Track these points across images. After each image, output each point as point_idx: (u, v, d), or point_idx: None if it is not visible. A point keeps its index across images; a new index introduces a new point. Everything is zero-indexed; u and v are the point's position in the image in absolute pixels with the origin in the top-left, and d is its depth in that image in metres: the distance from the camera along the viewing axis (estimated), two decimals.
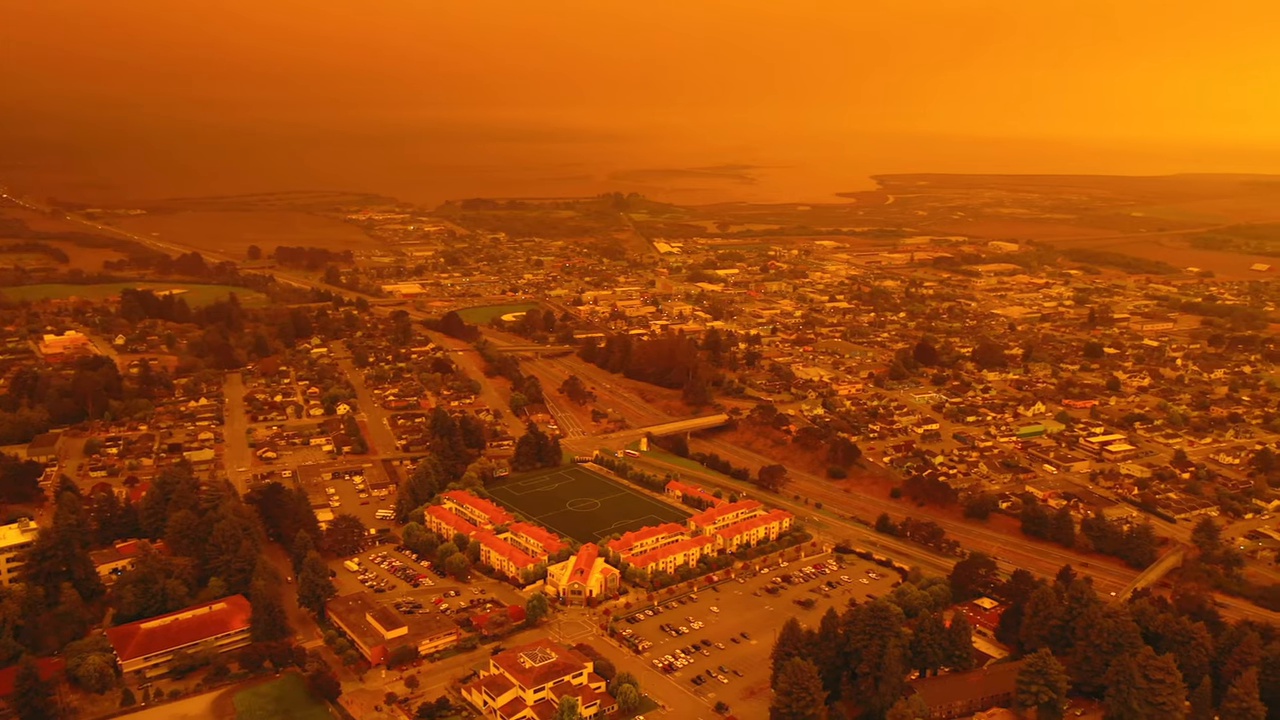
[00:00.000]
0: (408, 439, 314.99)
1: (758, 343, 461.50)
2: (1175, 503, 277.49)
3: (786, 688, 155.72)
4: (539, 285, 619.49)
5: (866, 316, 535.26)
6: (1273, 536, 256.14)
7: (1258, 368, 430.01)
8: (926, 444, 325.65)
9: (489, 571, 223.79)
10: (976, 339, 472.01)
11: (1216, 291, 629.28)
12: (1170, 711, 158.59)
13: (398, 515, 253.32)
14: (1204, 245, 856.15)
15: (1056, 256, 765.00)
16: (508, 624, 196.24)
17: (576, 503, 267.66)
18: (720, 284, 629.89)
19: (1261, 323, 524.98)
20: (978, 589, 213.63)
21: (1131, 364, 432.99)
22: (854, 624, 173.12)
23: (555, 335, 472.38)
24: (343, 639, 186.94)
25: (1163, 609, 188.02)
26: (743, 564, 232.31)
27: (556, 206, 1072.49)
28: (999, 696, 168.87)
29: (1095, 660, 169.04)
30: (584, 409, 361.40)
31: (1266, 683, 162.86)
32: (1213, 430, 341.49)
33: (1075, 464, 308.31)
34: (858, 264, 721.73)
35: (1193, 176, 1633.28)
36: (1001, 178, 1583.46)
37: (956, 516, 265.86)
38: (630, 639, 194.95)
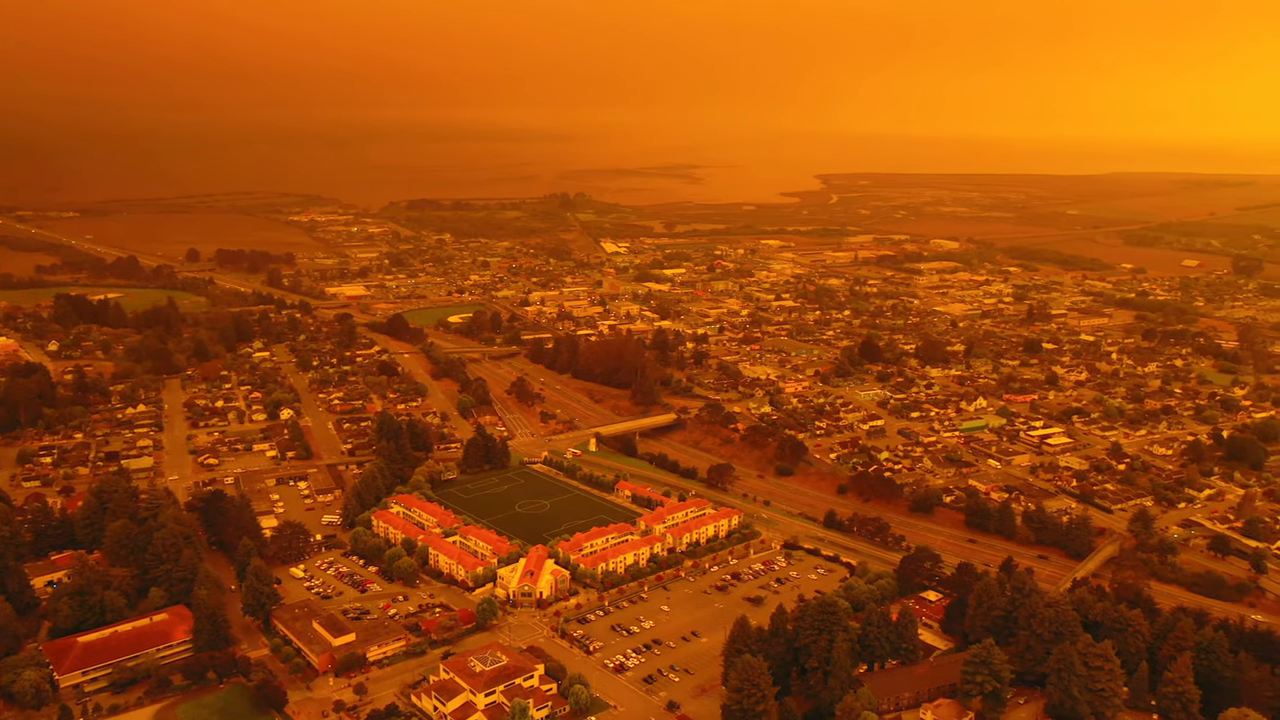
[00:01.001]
0: (353, 443, 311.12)
1: (705, 342, 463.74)
2: (1112, 494, 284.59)
3: (737, 684, 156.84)
4: (486, 286, 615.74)
5: (812, 315, 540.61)
6: (1204, 525, 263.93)
7: (1189, 361, 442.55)
8: (872, 440, 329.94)
9: (438, 575, 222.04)
10: (919, 336, 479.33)
11: (1149, 287, 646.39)
12: (1109, 697, 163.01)
13: (344, 520, 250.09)
14: (1136, 242, 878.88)
15: (996, 254, 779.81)
16: (457, 628, 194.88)
17: (526, 504, 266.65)
18: (667, 284, 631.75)
19: (1192, 317, 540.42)
20: (923, 582, 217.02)
21: (1069, 359, 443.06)
22: (803, 619, 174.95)
23: (502, 336, 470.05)
24: (289, 647, 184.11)
25: (1101, 598, 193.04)
26: (692, 562, 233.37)
27: (503, 207, 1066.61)
28: (945, 687, 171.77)
29: (1037, 649, 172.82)
30: (532, 410, 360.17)
31: (1200, 667, 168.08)
32: (1147, 422, 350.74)
33: (1016, 457, 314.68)
34: (803, 263, 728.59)
35: (1125, 175, 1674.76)
36: (941, 177, 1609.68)
37: (902, 511, 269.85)
38: (581, 640, 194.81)
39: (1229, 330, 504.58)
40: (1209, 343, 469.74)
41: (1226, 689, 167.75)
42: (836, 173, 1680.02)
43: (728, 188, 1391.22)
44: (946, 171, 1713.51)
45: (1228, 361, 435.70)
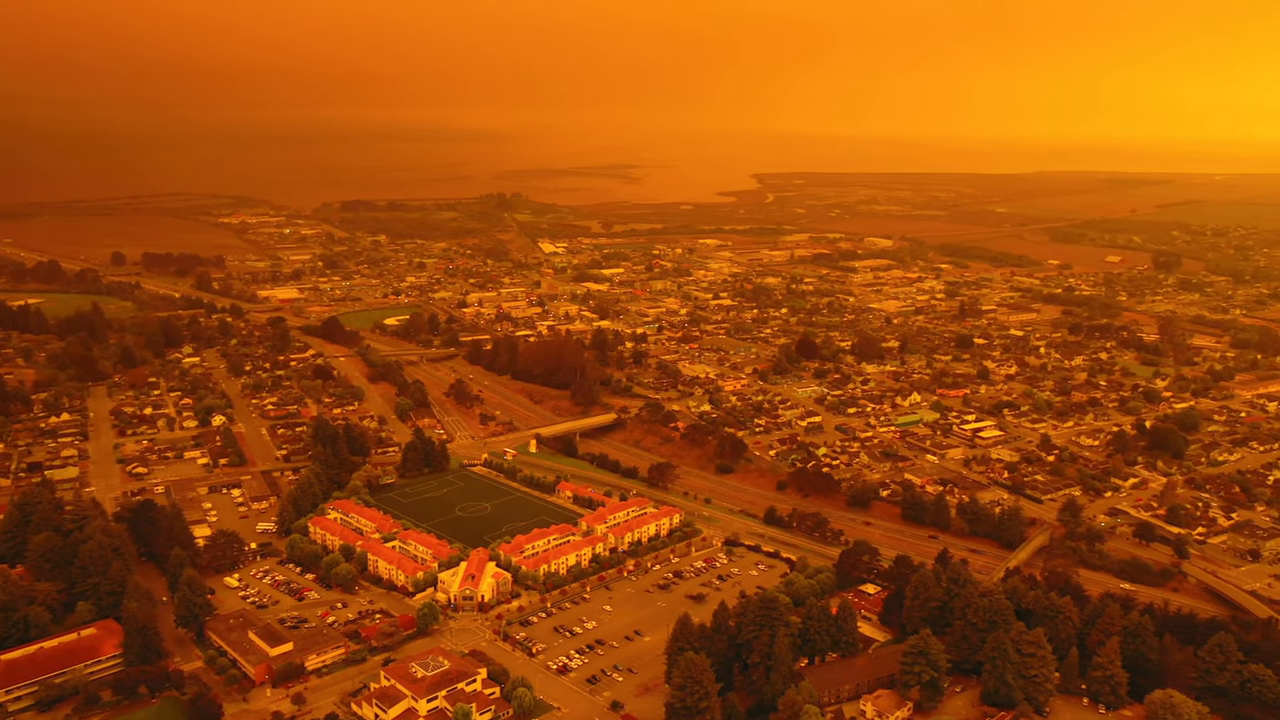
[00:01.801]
0: (288, 449, 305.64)
1: (644, 341, 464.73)
2: (1042, 484, 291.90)
3: (680, 682, 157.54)
4: (422, 288, 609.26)
5: (750, 313, 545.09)
6: (1130, 513, 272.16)
7: (1113, 354, 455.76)
8: (810, 436, 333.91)
9: (377, 581, 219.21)
10: (855, 333, 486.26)
11: (1075, 283, 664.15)
12: (1042, 683, 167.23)
13: (280, 528, 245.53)
14: (1062, 239, 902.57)
15: (928, 252, 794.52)
16: (398, 634, 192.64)
17: (466, 507, 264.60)
18: (606, 283, 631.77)
19: (1116, 311, 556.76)
20: (862, 575, 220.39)
21: (999, 353, 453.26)
22: (744, 615, 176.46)
23: (440, 338, 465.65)
24: (224, 658, 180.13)
25: (1033, 586, 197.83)
26: (634, 562, 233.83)
27: (439, 207, 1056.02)
28: (884, 678, 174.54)
29: (973, 638, 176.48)
30: (471, 412, 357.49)
31: (1128, 651, 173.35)
32: (1074, 414, 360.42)
33: (950, 451, 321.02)
34: (740, 261, 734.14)
35: (1050, 174, 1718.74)
36: (874, 176, 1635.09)
37: (840, 506, 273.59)
38: (524, 642, 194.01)
39: (1150, 324, 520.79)
40: (1132, 336, 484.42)
41: (1152, 671, 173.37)
42: (772, 172, 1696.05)
43: (665, 187, 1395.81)
44: (879, 171, 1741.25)
45: (1149, 354, 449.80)
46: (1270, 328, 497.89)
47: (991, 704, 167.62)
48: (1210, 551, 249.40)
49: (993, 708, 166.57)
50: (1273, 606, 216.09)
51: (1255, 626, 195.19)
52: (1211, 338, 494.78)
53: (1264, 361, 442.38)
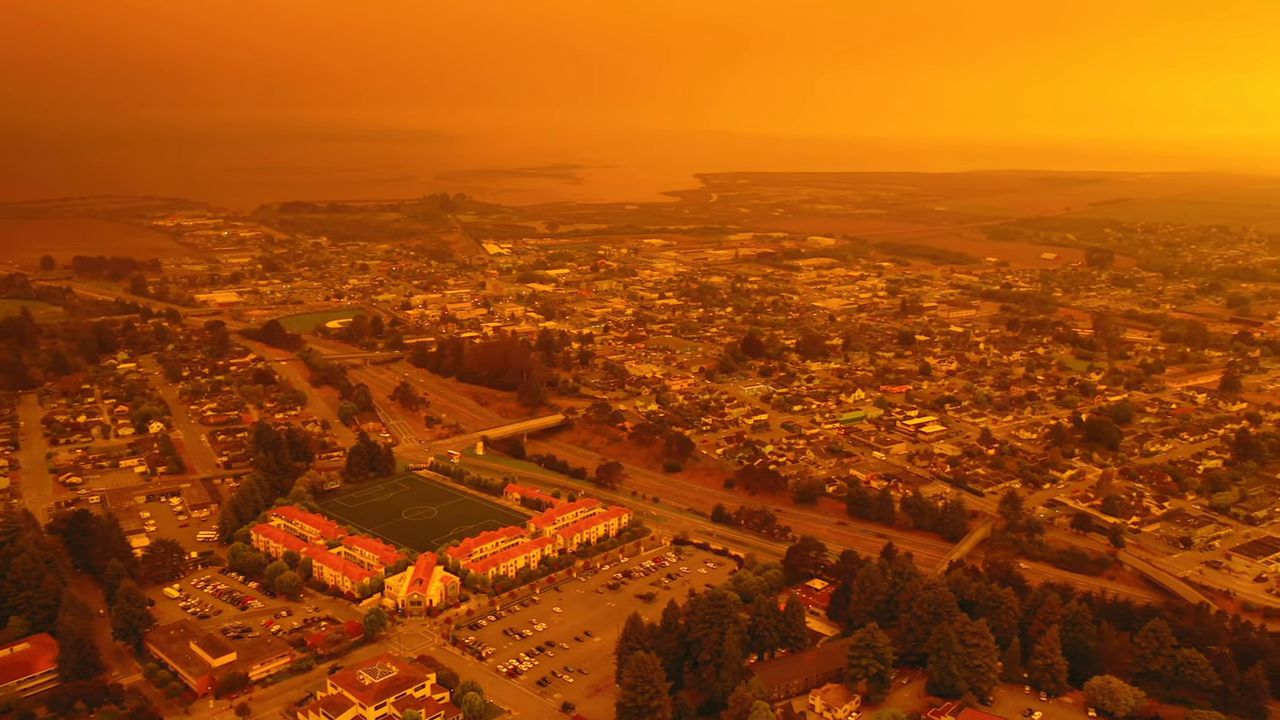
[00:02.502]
0: (229, 455, 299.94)
1: (591, 342, 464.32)
2: (983, 477, 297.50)
3: (631, 682, 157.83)
4: (365, 290, 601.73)
5: (695, 312, 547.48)
6: (1067, 504, 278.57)
7: (1050, 349, 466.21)
8: (757, 434, 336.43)
9: (323, 588, 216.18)
10: (800, 331, 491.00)
11: (1012, 279, 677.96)
12: (985, 672, 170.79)
13: (221, 536, 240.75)
14: (999, 236, 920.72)
15: (870, 250, 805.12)
16: (345, 641, 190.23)
17: (413, 511, 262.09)
18: (551, 284, 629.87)
19: (1051, 307, 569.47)
20: (809, 571, 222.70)
21: (940, 349, 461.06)
22: (694, 614, 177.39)
23: (384, 341, 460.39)
24: (164, 671, 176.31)
25: (975, 578, 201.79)
26: (584, 562, 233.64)
27: (381, 209, 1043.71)
28: (832, 672, 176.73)
29: (918, 630, 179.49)
30: (417, 415, 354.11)
31: (1067, 638, 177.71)
32: (1013, 408, 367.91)
33: (893, 446, 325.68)
34: (685, 261, 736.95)
35: (987, 173, 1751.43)
36: (817, 175, 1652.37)
37: (787, 502, 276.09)
38: (473, 646, 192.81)
39: (1085, 319, 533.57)
40: (1067, 331, 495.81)
41: (1091, 658, 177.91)
42: (715, 172, 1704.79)
43: (609, 187, 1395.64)
44: (821, 170, 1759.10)
45: (1084, 349, 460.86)
46: (1198, 322, 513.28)
47: (937, 694, 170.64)
48: (1144, 540, 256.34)
49: (938, 698, 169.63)
50: (1204, 593, 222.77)
51: (1188, 612, 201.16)
52: (1143, 332, 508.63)
53: (1193, 355, 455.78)
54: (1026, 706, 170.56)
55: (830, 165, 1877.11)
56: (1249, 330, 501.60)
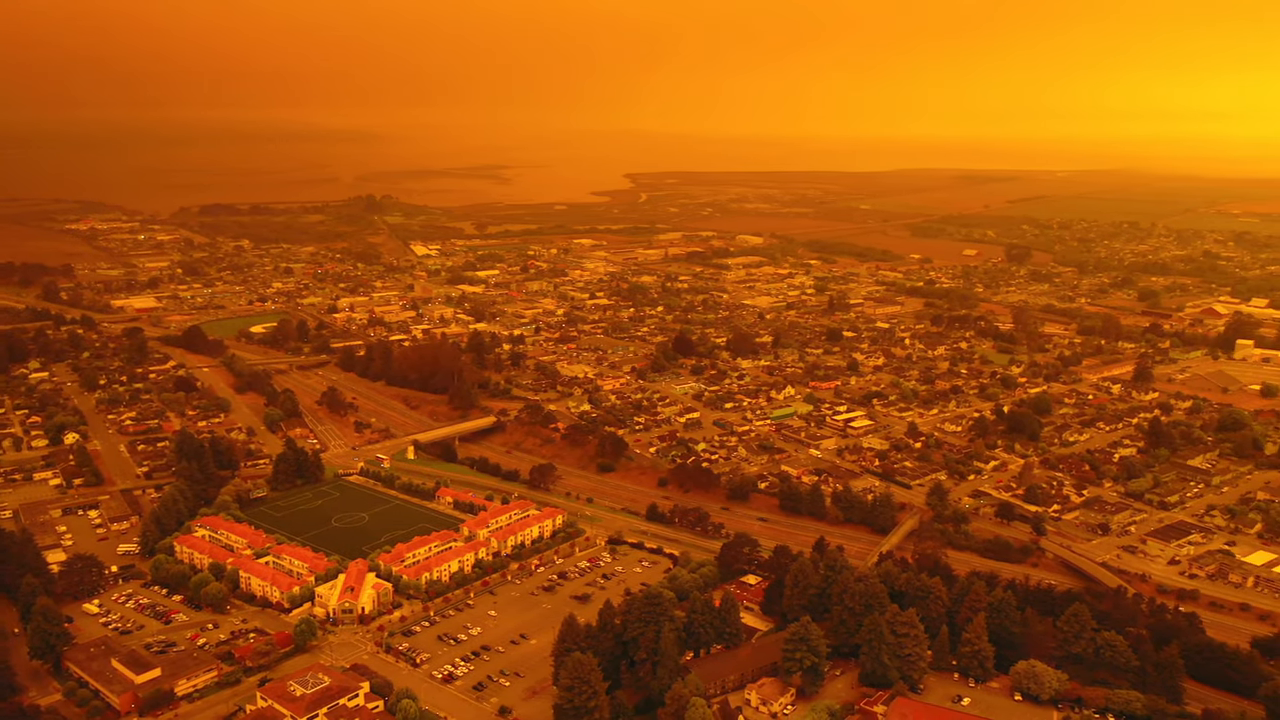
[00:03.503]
0: (150, 465, 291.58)
1: (522, 343, 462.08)
2: (910, 470, 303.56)
3: (568, 683, 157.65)
4: (290, 294, 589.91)
5: (626, 312, 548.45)
6: (991, 494, 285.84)
7: (972, 343, 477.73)
8: (689, 432, 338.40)
9: (251, 599, 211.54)
10: (730, 329, 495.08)
11: (935, 276, 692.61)
12: (915, 661, 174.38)
13: (143, 549, 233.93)
14: (922, 234, 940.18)
15: (797, 248, 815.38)
16: (274, 652, 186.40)
17: (343, 518, 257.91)
18: (481, 285, 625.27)
19: (973, 303, 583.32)
20: (743, 567, 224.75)
21: (867, 345, 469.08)
22: (630, 613, 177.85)
23: (310, 345, 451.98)
24: (85, 690, 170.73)
25: (905, 569, 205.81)
26: (518, 565, 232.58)
27: (305, 210, 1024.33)
28: (767, 666, 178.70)
29: (850, 622, 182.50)
30: (346, 420, 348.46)
31: (993, 625, 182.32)
32: (938, 402, 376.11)
33: (823, 441, 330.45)
34: (615, 261, 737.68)
35: (908, 171, 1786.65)
36: (744, 175, 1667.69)
37: (720, 499, 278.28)
38: (407, 653, 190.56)
39: (1005, 313, 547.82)
40: (989, 326, 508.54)
41: (1016, 643, 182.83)
42: (644, 171, 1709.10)
43: (538, 188, 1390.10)
44: (748, 170, 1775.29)
45: (1005, 342, 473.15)
46: (1112, 315, 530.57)
47: (870, 684, 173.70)
48: (1065, 527, 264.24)
49: (871, 688, 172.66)
50: (1121, 577, 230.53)
51: (1107, 596, 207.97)
52: (1060, 325, 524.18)
53: (1107, 347, 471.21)
54: (956, 693, 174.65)
55: (756, 165, 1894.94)
56: (1159, 322, 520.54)
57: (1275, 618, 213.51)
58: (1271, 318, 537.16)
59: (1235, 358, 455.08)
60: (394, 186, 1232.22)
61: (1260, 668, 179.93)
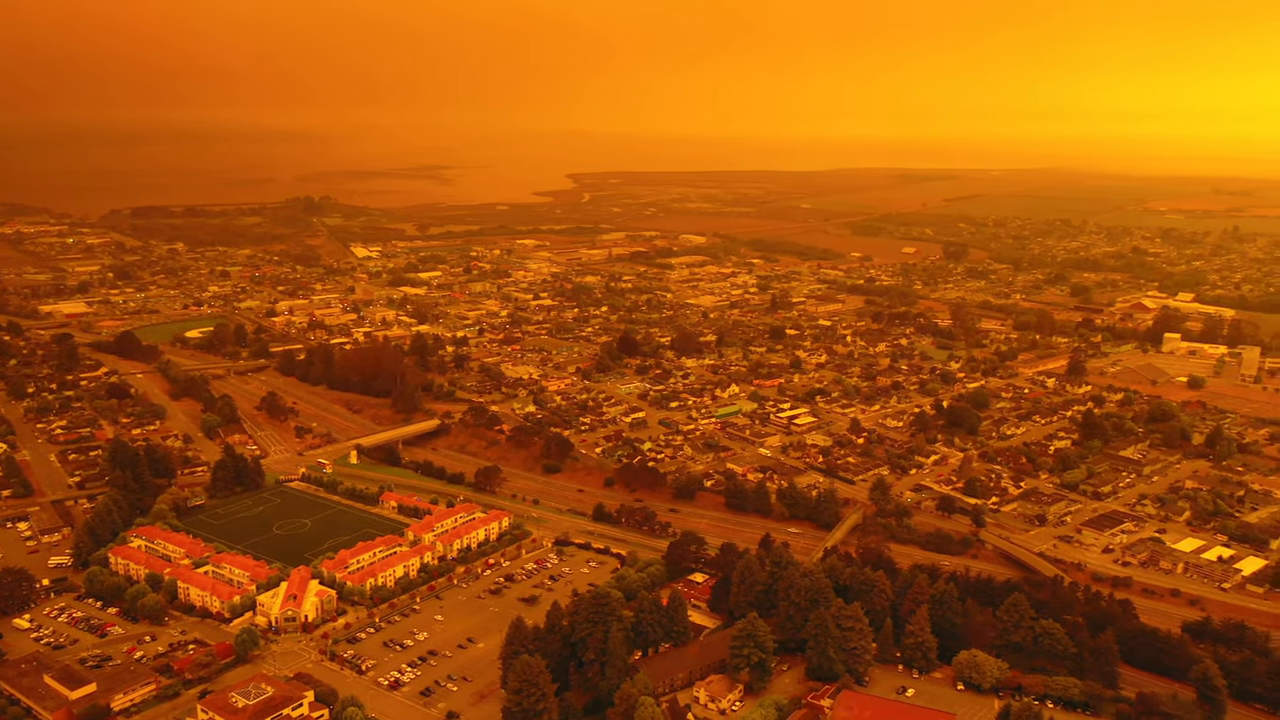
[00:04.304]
0: (82, 475, 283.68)
1: (465, 344, 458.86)
2: (853, 466, 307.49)
3: (516, 686, 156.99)
4: (227, 297, 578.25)
5: (570, 312, 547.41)
6: (932, 488, 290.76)
7: (912, 340, 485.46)
8: (635, 432, 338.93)
9: (189, 610, 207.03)
10: (674, 328, 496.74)
11: (875, 274, 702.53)
12: (861, 654, 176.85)
13: (76, 561, 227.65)
14: (862, 232, 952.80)
15: (740, 247, 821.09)
16: (215, 663, 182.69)
17: (284, 525, 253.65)
18: (423, 287, 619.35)
19: (913, 299, 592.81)
20: (690, 565, 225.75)
21: (810, 343, 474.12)
22: (577, 614, 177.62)
23: (249, 350, 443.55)
24: (16, 707, 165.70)
25: (849, 563, 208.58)
26: (465, 568, 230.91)
27: (241, 212, 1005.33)
28: (715, 663, 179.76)
29: (796, 617, 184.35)
30: (286, 425, 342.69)
31: (935, 617, 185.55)
32: (880, 398, 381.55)
33: (768, 439, 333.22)
34: (559, 261, 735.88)
35: (848, 170, 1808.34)
36: (686, 174, 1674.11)
37: (666, 498, 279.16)
38: (352, 660, 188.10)
39: (943, 310, 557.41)
40: (928, 322, 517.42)
41: (958, 634, 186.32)
42: (586, 171, 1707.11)
43: (480, 188, 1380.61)
44: (690, 169, 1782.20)
45: (944, 338, 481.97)
46: (1046, 311, 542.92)
47: (816, 678, 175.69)
48: (1003, 519, 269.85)
49: (818, 682, 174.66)
50: (1058, 566, 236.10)
51: (1044, 585, 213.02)
52: (997, 321, 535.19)
53: (1042, 341, 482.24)
54: (900, 684, 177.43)
55: (697, 164, 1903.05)
56: (1091, 317, 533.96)
57: (1204, 602, 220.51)
58: (1197, 311, 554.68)
59: (1163, 351, 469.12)
60: (334, 187, 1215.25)
61: (1190, 651, 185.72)
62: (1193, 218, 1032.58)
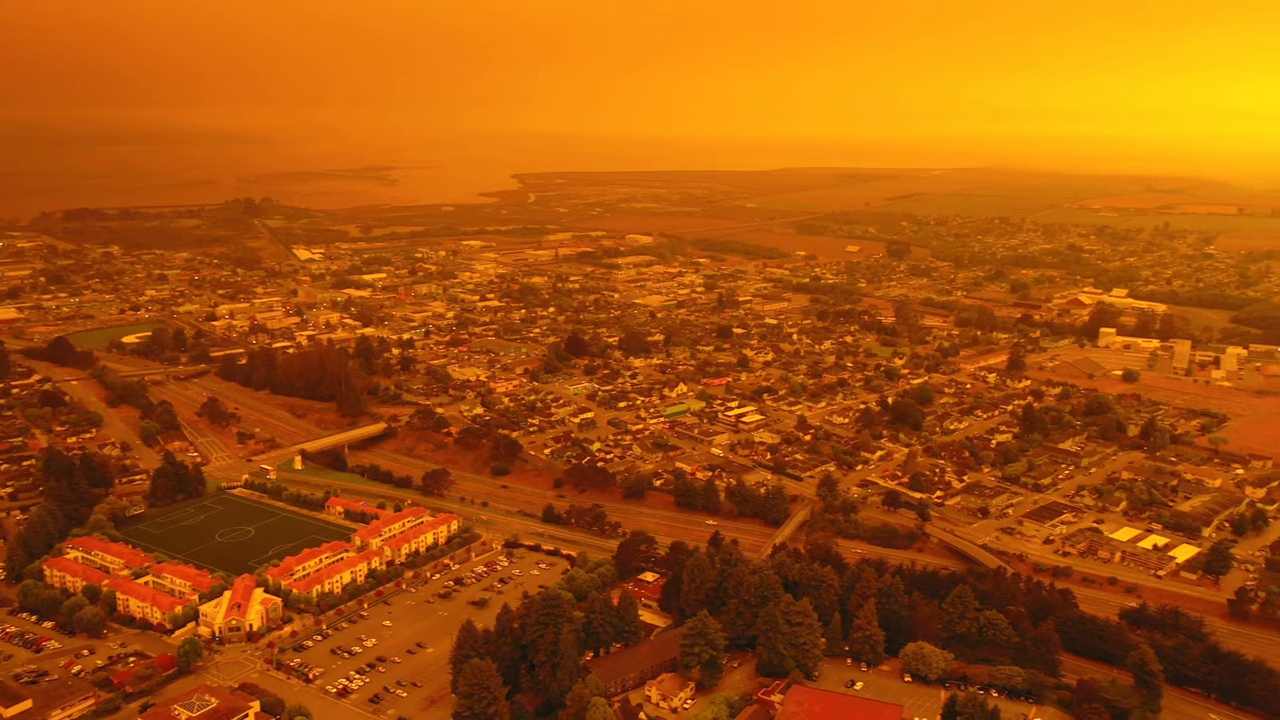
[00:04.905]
0: (14, 485, 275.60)
1: (411, 347, 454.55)
2: (801, 463, 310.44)
3: (467, 690, 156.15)
4: (165, 302, 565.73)
5: (517, 313, 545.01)
6: (878, 483, 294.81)
7: (857, 337, 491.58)
8: (584, 432, 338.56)
9: (129, 622, 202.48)
10: (621, 328, 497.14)
11: (820, 272, 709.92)
12: (810, 649, 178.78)
13: (9, 574, 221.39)
14: (807, 231, 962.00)
15: (686, 246, 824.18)
16: (157, 675, 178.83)
17: (228, 533, 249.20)
18: (368, 289, 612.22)
19: (857, 297, 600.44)
20: (640, 564, 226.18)
21: (756, 342, 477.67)
22: (528, 616, 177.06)
23: (188, 355, 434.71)
24: None
25: (798, 559, 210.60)
26: (413, 573, 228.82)
27: (179, 215, 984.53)
28: (667, 662, 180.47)
29: (746, 614, 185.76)
30: (228, 431, 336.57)
31: (883, 610, 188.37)
32: (826, 395, 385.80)
33: (716, 437, 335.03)
34: (505, 262, 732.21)
35: (792, 170, 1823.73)
36: (632, 174, 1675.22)
37: (616, 498, 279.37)
38: (299, 669, 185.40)
39: (887, 308, 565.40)
40: (872, 320, 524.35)
41: (905, 627, 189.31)
42: (532, 172, 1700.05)
43: (425, 189, 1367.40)
44: (636, 169, 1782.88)
45: (888, 335, 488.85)
46: (986, 307, 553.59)
47: (767, 674, 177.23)
48: (947, 512, 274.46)
49: (768, 678, 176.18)
50: (1000, 557, 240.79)
51: (987, 576, 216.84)
52: (939, 318, 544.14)
53: (983, 337, 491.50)
54: (849, 678, 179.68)
55: (642, 164, 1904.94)
56: (1030, 313, 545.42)
57: (1140, 590, 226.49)
58: (1131, 307, 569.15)
59: (1099, 345, 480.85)
60: (276, 189, 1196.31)
61: (1128, 638, 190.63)
62: (1126, 215, 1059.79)
